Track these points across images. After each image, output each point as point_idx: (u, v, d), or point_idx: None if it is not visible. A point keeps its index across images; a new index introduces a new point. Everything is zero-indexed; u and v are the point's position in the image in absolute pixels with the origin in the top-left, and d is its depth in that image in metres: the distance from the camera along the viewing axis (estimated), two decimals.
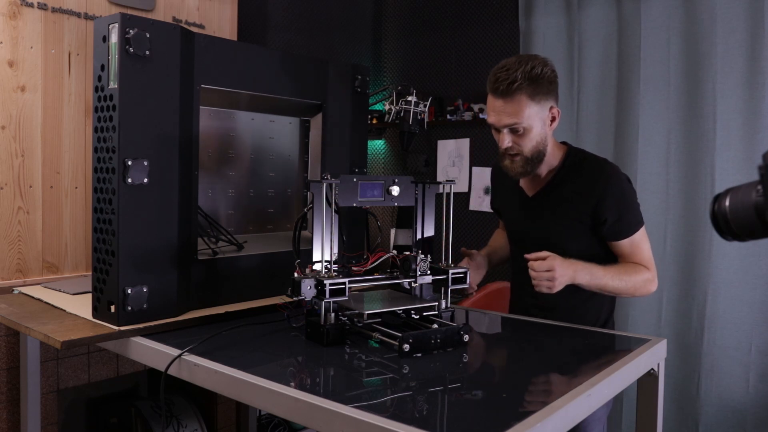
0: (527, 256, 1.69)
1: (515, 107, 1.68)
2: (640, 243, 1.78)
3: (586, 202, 1.76)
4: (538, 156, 1.76)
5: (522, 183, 1.92)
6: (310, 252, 1.52)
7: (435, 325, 1.51)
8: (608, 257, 1.82)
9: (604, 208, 1.74)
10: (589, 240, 1.80)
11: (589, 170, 1.80)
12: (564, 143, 1.89)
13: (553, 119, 1.76)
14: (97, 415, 2.38)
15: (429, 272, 1.65)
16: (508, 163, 1.78)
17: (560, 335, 1.70)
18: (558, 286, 1.65)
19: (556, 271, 1.63)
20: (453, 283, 1.66)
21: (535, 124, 1.71)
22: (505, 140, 1.73)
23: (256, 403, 1.30)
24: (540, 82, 1.68)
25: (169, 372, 1.39)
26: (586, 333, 1.73)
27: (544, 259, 1.65)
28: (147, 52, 1.57)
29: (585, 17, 3.00)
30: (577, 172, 1.81)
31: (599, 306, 1.86)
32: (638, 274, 1.76)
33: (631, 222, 1.77)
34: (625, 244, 1.78)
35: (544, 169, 1.83)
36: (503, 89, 1.67)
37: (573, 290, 1.73)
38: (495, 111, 1.72)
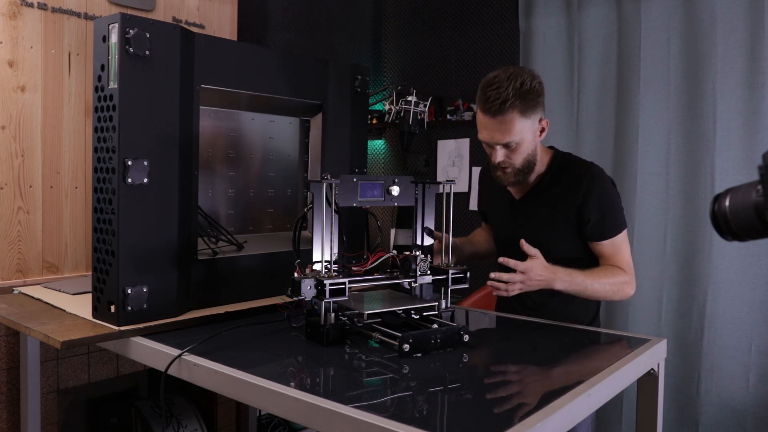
0: (524, 246, 1.67)
1: (507, 125, 1.69)
2: (620, 246, 1.80)
3: (571, 201, 1.78)
4: (529, 166, 1.78)
5: (509, 186, 1.93)
6: (310, 252, 1.52)
7: (435, 325, 1.51)
8: (591, 260, 1.83)
9: (587, 207, 1.76)
10: (574, 242, 1.82)
11: (574, 172, 1.82)
12: (551, 148, 1.91)
13: (542, 130, 1.78)
14: (97, 415, 2.38)
15: (429, 272, 1.65)
16: (500, 175, 1.79)
17: (560, 335, 1.70)
18: (531, 288, 1.67)
19: (533, 272, 1.64)
20: (453, 283, 1.66)
21: (527, 138, 1.73)
22: (498, 156, 1.74)
23: (256, 403, 1.30)
24: (530, 97, 1.68)
25: (169, 372, 1.39)
26: (585, 333, 1.73)
27: (533, 257, 1.66)
28: (147, 52, 1.57)
29: (585, 17, 3.00)
30: (563, 174, 1.83)
31: (586, 305, 1.86)
32: (615, 276, 1.77)
33: (614, 223, 1.79)
34: (606, 245, 1.79)
35: (531, 175, 1.84)
36: (495, 109, 1.67)
37: (557, 290, 1.73)
38: (487, 129, 1.72)
